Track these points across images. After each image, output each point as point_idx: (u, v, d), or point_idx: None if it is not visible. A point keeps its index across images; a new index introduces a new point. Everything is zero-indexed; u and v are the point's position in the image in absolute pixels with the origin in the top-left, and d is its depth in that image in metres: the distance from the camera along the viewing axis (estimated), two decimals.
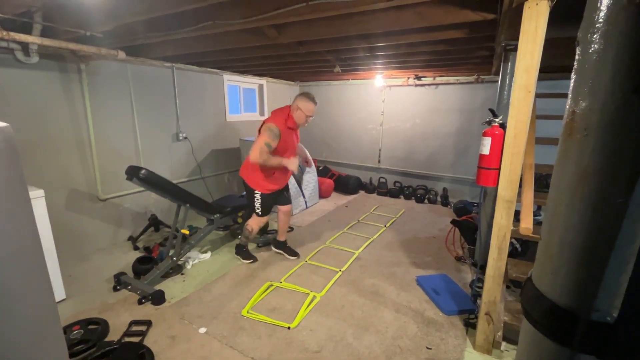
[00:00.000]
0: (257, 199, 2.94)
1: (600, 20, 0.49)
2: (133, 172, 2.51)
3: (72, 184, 3.17)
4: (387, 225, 4.20)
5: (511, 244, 2.73)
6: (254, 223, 3.06)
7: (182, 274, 2.90)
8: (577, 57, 0.55)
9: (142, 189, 3.32)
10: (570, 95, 0.56)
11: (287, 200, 3.18)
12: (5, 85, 2.63)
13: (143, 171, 2.51)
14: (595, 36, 0.50)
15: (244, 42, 2.65)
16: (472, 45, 2.74)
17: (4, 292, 0.76)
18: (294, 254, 3.25)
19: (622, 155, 0.49)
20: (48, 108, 2.92)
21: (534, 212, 1.99)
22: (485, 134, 2.00)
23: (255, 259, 3.17)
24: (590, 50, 0.51)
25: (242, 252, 3.18)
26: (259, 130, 2.75)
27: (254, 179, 2.89)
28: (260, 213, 3.00)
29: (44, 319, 0.87)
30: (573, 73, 0.56)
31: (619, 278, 0.52)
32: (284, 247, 3.29)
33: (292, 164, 2.73)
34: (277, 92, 5.96)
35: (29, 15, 2.27)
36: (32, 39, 2.43)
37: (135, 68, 3.54)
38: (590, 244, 0.54)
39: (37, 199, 2.26)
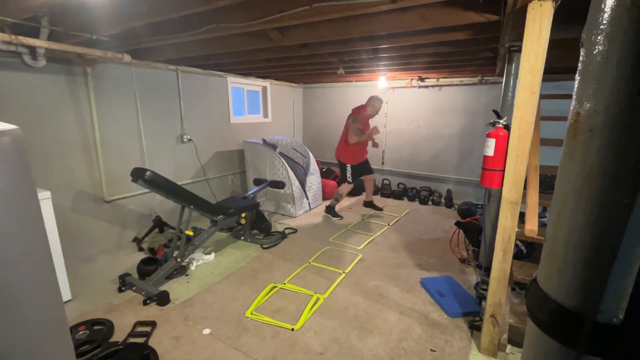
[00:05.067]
0: (349, 170, 4.32)
1: (604, 21, 0.49)
2: (138, 174, 2.53)
3: (78, 186, 3.20)
4: (391, 223, 4.21)
5: (516, 245, 2.72)
6: (344, 188, 4.38)
7: (186, 275, 2.91)
8: (581, 58, 0.55)
9: (146, 190, 3.35)
10: (574, 97, 0.56)
11: (370, 171, 4.59)
12: (13, 89, 2.67)
13: (148, 173, 2.53)
14: (599, 37, 0.50)
15: (248, 44, 2.67)
16: (475, 46, 2.74)
17: (12, 293, 0.77)
18: (379, 208, 4.71)
19: (627, 156, 0.49)
20: (55, 111, 2.96)
21: (539, 213, 1.98)
22: (489, 135, 1.99)
23: (341, 217, 4.41)
24: (594, 52, 0.51)
25: (332, 211, 4.40)
26: (347, 120, 4.28)
27: (345, 156, 4.32)
28: (350, 180, 4.34)
29: (51, 320, 0.88)
30: (577, 74, 0.56)
31: (625, 279, 0.51)
32: (371, 204, 4.74)
33: (374, 131, 4.07)
34: (280, 94, 5.98)
35: (36, 20, 2.30)
36: (40, 43, 2.47)
37: (140, 71, 3.57)
38: (596, 244, 0.54)
39: (44, 200, 2.29)
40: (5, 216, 0.73)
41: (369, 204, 4.78)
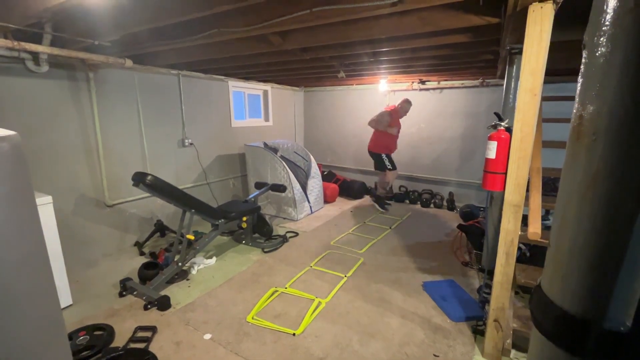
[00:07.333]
0: (385, 159, 4.70)
1: (607, 23, 0.49)
2: (139, 178, 2.53)
3: (80, 190, 3.21)
4: (393, 227, 4.19)
5: (519, 249, 2.69)
6: (390, 176, 4.79)
7: (187, 279, 2.90)
8: (583, 60, 0.54)
9: (148, 194, 3.35)
10: (577, 99, 0.56)
11: (394, 166, 4.84)
12: (16, 94, 2.69)
13: (149, 177, 2.54)
14: (602, 39, 0.49)
15: (249, 49, 2.68)
16: (476, 49, 2.74)
17: (9, 296, 0.77)
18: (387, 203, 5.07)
19: (632, 159, 0.48)
20: (57, 116, 2.97)
21: (542, 216, 1.96)
22: (491, 138, 1.98)
23: (387, 210, 4.84)
24: (597, 54, 0.51)
25: (381, 202, 4.88)
26: (380, 113, 4.73)
27: (379, 148, 4.73)
28: (391, 167, 4.73)
29: (49, 324, 0.88)
30: (580, 77, 0.55)
31: (632, 285, 0.50)
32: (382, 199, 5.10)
33: (394, 130, 4.69)
34: (281, 97, 6.00)
35: (39, 26, 2.32)
36: (43, 49, 2.48)
37: (142, 76, 3.59)
38: (602, 249, 0.53)
39: (46, 205, 2.29)
40: (3, 220, 0.73)
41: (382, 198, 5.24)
